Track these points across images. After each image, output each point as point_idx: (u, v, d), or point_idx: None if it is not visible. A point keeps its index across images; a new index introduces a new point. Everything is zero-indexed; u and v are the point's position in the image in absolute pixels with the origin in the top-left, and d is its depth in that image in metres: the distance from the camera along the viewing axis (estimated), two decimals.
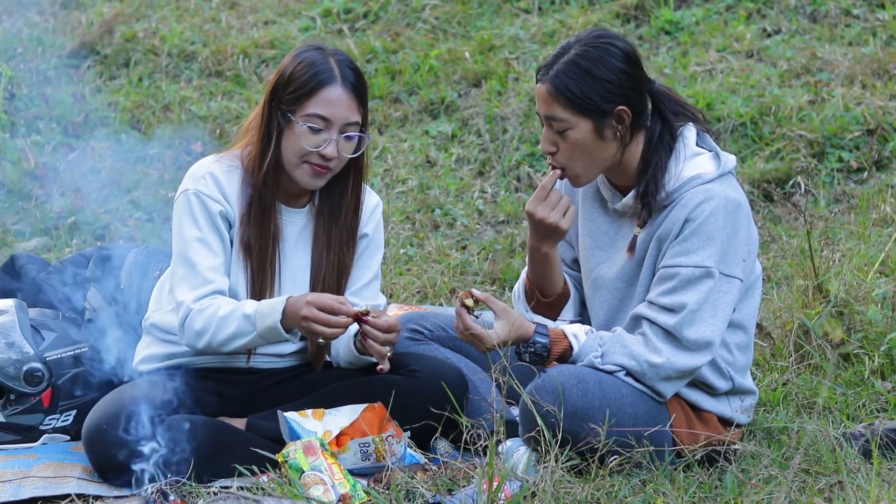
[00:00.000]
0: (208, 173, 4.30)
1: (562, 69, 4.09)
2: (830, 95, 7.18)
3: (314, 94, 4.22)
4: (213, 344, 4.23)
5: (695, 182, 4.12)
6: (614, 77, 4.09)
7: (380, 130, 7.56)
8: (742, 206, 4.13)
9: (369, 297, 4.45)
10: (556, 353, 4.13)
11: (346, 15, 8.38)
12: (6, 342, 4.50)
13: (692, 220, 4.07)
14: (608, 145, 4.14)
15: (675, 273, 4.08)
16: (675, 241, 4.09)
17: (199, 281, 4.24)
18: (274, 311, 4.17)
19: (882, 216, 6.25)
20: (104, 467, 4.14)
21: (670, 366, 4.08)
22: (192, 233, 4.27)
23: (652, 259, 4.17)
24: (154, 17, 8.51)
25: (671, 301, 4.08)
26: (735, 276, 4.10)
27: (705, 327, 4.07)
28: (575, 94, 4.08)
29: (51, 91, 7.82)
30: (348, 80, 4.24)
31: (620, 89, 4.10)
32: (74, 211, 6.89)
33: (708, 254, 4.06)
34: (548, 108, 4.12)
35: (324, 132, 4.23)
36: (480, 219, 6.85)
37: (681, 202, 4.11)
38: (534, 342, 4.13)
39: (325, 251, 4.38)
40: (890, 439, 4.17)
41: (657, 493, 3.91)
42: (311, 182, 4.28)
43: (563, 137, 4.13)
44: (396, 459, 4.19)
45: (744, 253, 4.12)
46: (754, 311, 4.26)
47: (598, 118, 4.10)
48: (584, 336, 4.14)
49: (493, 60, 7.81)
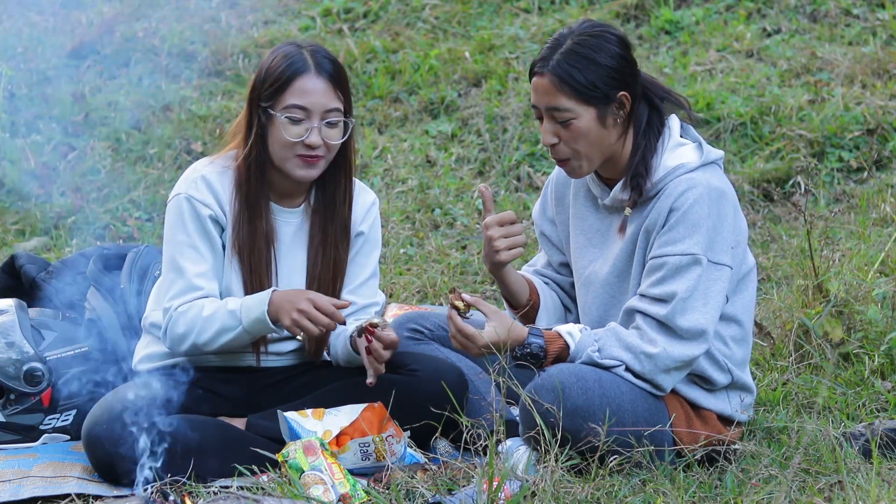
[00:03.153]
0: (200, 177, 4.31)
1: (563, 59, 4.08)
2: (830, 95, 7.18)
3: (289, 84, 4.24)
4: (198, 344, 4.23)
5: (678, 172, 4.13)
6: (615, 63, 4.10)
7: (380, 130, 7.56)
8: (726, 194, 4.13)
9: (367, 296, 4.45)
10: (552, 354, 4.13)
11: (346, 14, 8.39)
12: (6, 342, 4.50)
13: (676, 209, 4.08)
14: (610, 132, 4.14)
15: (663, 263, 4.09)
16: (661, 232, 4.11)
17: (187, 287, 4.25)
18: (260, 302, 4.18)
19: (882, 216, 6.25)
20: (104, 467, 4.14)
21: (667, 356, 4.08)
22: (182, 238, 4.28)
23: (641, 252, 4.17)
24: (154, 17, 8.51)
25: (661, 291, 4.08)
26: (724, 264, 4.10)
27: (697, 315, 4.07)
28: (580, 83, 4.08)
29: (51, 91, 7.82)
30: (323, 68, 4.26)
31: (622, 74, 4.11)
32: (74, 211, 6.89)
33: (694, 241, 4.06)
34: (550, 100, 4.11)
35: (304, 122, 4.24)
36: (480, 218, 6.83)
37: (665, 192, 4.12)
38: (529, 343, 4.13)
39: (321, 249, 4.38)
40: (890, 439, 4.17)
41: (657, 493, 3.91)
42: (305, 173, 4.28)
43: (566, 127, 4.12)
44: (396, 459, 4.19)
45: (732, 241, 4.12)
46: (749, 304, 4.26)
47: (602, 105, 4.10)
48: (578, 333, 4.14)
49: (493, 60, 7.81)
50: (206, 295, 4.26)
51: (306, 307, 4.13)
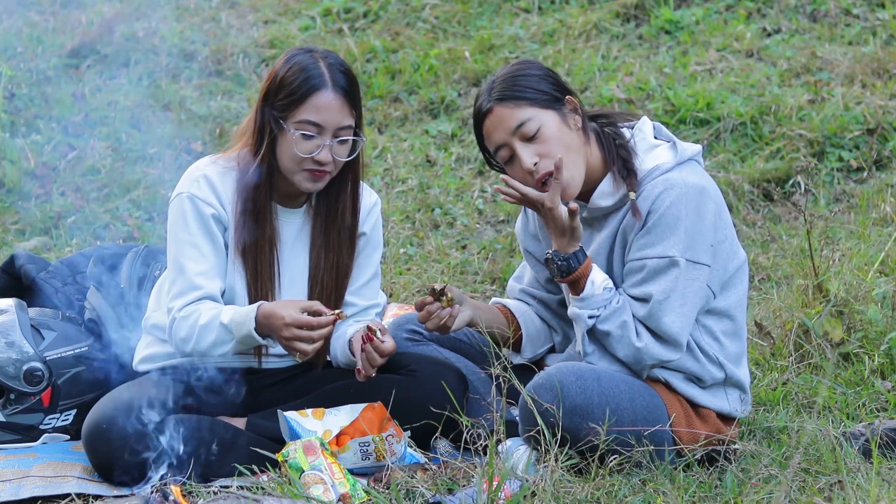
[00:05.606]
0: (203, 176, 4.30)
1: (500, 86, 4.19)
2: (830, 95, 7.18)
3: (305, 100, 4.20)
4: (198, 350, 4.24)
5: (654, 174, 4.17)
6: (545, 73, 4.23)
7: (380, 130, 7.56)
8: (706, 189, 4.15)
9: (369, 296, 4.45)
10: (572, 278, 4.15)
11: (346, 14, 8.38)
12: (6, 342, 4.50)
13: (654, 212, 4.12)
14: (576, 135, 4.19)
15: (641, 266, 4.14)
16: (639, 234, 4.14)
17: (187, 287, 4.24)
18: (247, 320, 4.16)
19: (882, 216, 6.25)
20: (104, 467, 4.14)
21: (647, 352, 4.14)
22: (183, 237, 4.27)
23: (620, 251, 4.22)
24: (154, 17, 8.51)
25: (640, 292, 4.14)
26: (702, 263, 4.13)
27: (674, 317, 4.12)
28: (529, 90, 4.16)
29: (51, 91, 7.82)
30: (339, 84, 4.23)
31: (556, 84, 4.22)
32: (74, 211, 6.88)
33: (672, 243, 4.10)
34: (510, 121, 4.15)
35: (316, 138, 4.22)
36: (480, 218, 6.85)
37: (642, 195, 4.14)
38: (568, 257, 4.14)
39: (323, 252, 4.38)
40: (890, 438, 4.17)
41: (657, 493, 3.91)
42: (311, 186, 4.28)
43: (538, 138, 4.14)
44: (396, 459, 4.19)
45: (711, 238, 4.14)
46: (742, 299, 4.27)
47: (557, 107, 4.18)
48: (600, 288, 4.15)
49: (492, 60, 7.81)
50: (206, 294, 4.25)
51: (289, 333, 4.10)
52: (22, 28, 8.41)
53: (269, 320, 4.13)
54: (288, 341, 4.12)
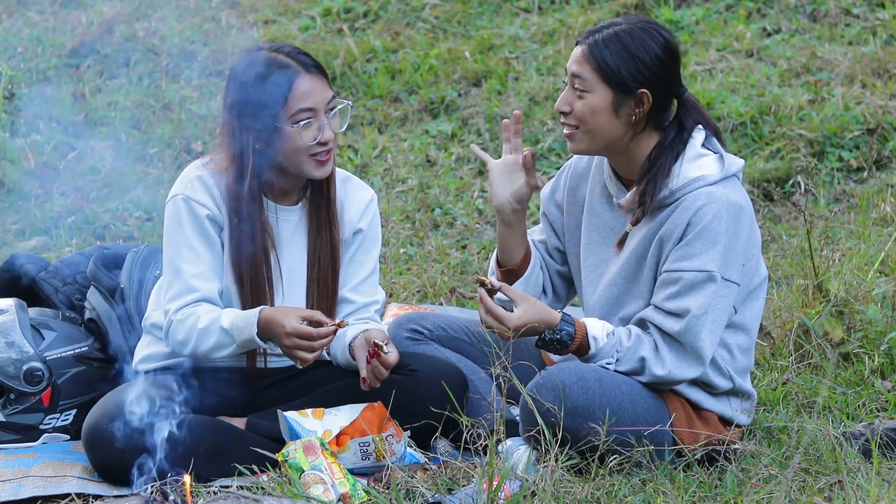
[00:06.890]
0: (196, 177, 4.31)
1: (603, 37, 4.13)
2: (830, 95, 7.18)
3: (290, 93, 4.22)
4: (198, 353, 4.24)
5: (698, 183, 4.12)
6: (649, 60, 4.12)
7: (380, 130, 7.56)
8: (744, 209, 4.13)
9: (368, 293, 4.45)
10: (576, 344, 4.15)
11: (346, 14, 8.38)
12: (6, 342, 4.50)
13: (695, 224, 4.08)
14: (619, 124, 4.15)
15: (678, 278, 4.09)
16: (677, 245, 4.10)
17: (184, 289, 4.25)
18: (249, 324, 4.17)
19: (882, 216, 6.25)
20: (104, 467, 4.14)
21: (670, 378, 4.13)
22: (179, 239, 4.28)
23: (654, 259, 4.17)
24: (154, 17, 8.51)
25: (675, 306, 4.09)
26: (734, 281, 4.12)
27: (706, 335, 4.10)
28: (606, 63, 4.11)
29: (51, 91, 7.82)
30: (307, 63, 4.27)
31: (650, 73, 4.12)
32: (74, 211, 6.88)
33: (710, 258, 4.07)
34: (577, 67, 4.15)
35: (314, 121, 4.24)
36: (480, 218, 6.85)
37: (683, 204, 4.11)
38: (560, 329, 4.13)
39: (321, 246, 4.38)
40: (890, 438, 4.17)
41: (657, 493, 3.91)
42: (322, 172, 4.29)
43: (581, 98, 4.14)
44: (396, 459, 4.19)
45: (743, 258, 4.13)
46: (758, 314, 4.27)
47: (619, 92, 4.12)
48: (604, 339, 4.14)
49: (493, 60, 7.81)
50: (203, 297, 4.25)
51: (290, 342, 4.13)
52: (22, 28, 8.40)
53: (271, 326, 4.15)
54: (289, 349, 4.15)
